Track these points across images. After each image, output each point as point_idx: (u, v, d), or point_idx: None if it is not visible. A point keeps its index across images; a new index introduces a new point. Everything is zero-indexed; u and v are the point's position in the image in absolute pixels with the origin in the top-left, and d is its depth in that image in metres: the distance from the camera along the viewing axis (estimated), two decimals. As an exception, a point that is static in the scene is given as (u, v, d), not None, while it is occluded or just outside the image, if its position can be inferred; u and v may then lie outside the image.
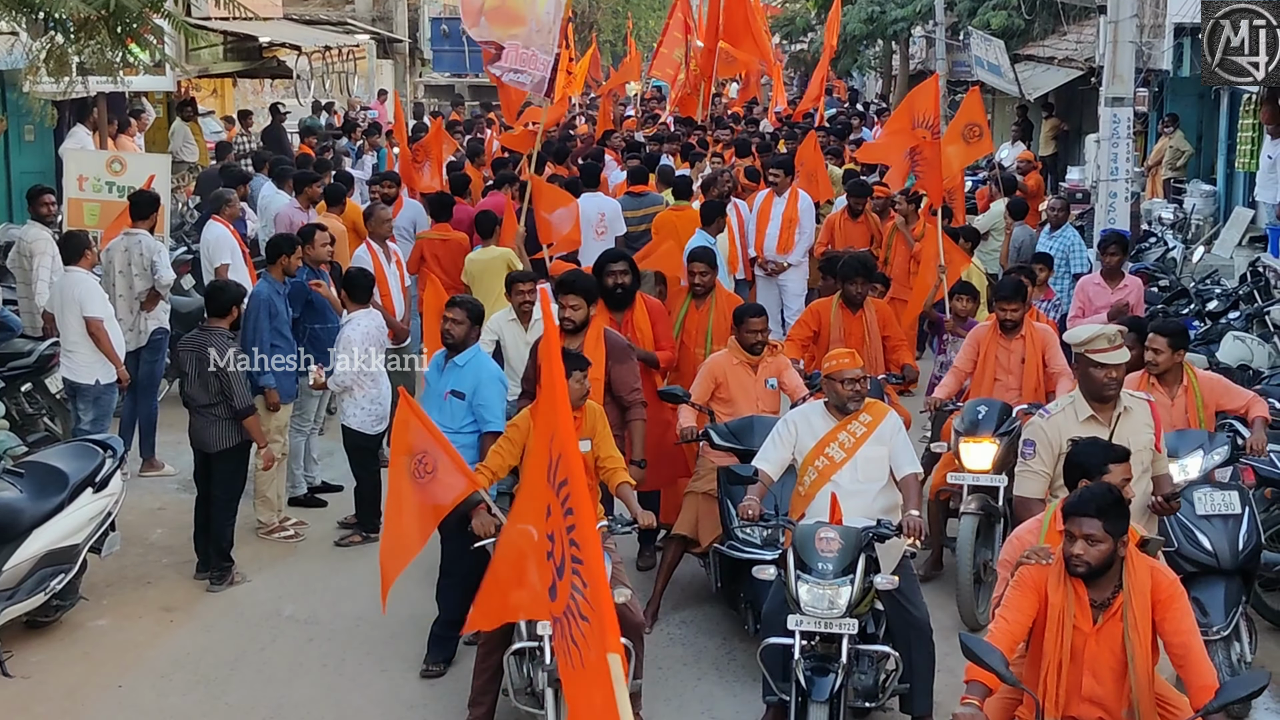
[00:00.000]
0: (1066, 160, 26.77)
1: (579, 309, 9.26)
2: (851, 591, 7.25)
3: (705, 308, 10.81)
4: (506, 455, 7.92)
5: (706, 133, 23.36)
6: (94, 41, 12.92)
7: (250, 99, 33.02)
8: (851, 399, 7.93)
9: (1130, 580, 5.83)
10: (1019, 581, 5.98)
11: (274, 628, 9.47)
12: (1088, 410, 7.37)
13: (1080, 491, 5.96)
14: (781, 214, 15.42)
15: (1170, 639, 5.80)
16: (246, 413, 9.94)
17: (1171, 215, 20.12)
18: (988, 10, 28.81)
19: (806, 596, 7.25)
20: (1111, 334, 7.32)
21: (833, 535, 7.37)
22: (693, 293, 10.90)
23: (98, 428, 11.05)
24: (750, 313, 9.82)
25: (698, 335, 10.79)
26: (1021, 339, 10.11)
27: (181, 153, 21.52)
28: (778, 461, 8.04)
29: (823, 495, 7.73)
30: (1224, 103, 20.69)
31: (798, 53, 42.28)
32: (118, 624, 9.50)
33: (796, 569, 7.34)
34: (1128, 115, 14.51)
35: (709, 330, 10.73)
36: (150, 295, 12.22)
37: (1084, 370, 7.37)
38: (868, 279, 11.12)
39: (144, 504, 11.46)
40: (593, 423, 8.04)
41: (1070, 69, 25.27)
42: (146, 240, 12.38)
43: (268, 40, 25.41)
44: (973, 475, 9.39)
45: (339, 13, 33.41)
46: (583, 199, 15.14)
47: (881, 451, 7.90)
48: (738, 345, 9.70)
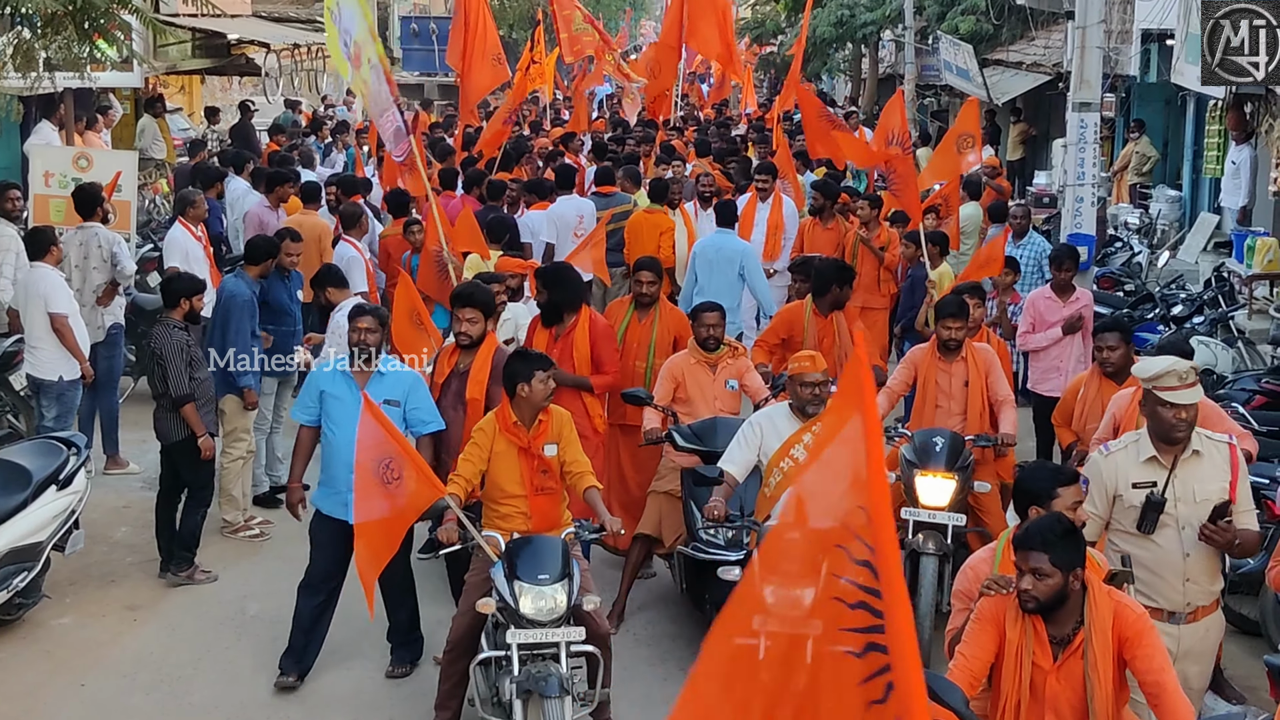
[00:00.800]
0: (1034, 165, 26.90)
1: (475, 323, 8.84)
2: None
3: (649, 320, 10.38)
4: (476, 461, 7.78)
5: (681, 134, 23.27)
6: (61, 37, 12.88)
7: (219, 96, 32.90)
8: (811, 402, 7.99)
9: (1091, 616, 5.54)
10: (979, 615, 5.74)
11: (238, 626, 9.44)
12: (1150, 450, 6.73)
13: (1027, 524, 5.72)
14: (767, 219, 15.10)
15: (1142, 677, 5.52)
16: (182, 401, 9.80)
17: (1137, 220, 20.25)
18: (956, 15, 28.91)
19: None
20: (1183, 371, 6.68)
21: None
22: (636, 303, 10.45)
23: (61, 425, 10.99)
24: (705, 308, 9.78)
25: (640, 350, 10.35)
26: (963, 361, 9.55)
27: (150, 150, 21.44)
28: (743, 463, 8.08)
29: (789, 496, 7.71)
30: (1190, 109, 20.81)
31: (768, 55, 42.31)
32: (81, 622, 9.45)
33: None
34: (1095, 120, 14.57)
35: (652, 345, 10.34)
36: (107, 290, 12.18)
37: (1151, 409, 6.73)
38: (845, 284, 10.85)
39: (108, 502, 11.40)
40: (559, 426, 7.89)
41: (1038, 74, 25.41)
42: (103, 233, 12.36)
43: (236, 37, 25.33)
44: (929, 512, 8.81)
45: (308, 10, 33.21)
46: (560, 201, 15.17)
47: None
48: (695, 344, 9.69)
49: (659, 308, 10.44)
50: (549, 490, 7.81)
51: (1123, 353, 8.98)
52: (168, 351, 9.80)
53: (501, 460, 7.76)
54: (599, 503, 7.84)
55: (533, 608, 7.19)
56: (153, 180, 20.49)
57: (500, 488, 7.78)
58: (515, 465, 7.74)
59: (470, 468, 7.78)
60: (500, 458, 7.76)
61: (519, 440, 7.72)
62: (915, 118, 26.34)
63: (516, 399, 7.73)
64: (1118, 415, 8.24)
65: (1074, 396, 9.42)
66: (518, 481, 7.74)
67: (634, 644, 9.07)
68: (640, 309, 10.41)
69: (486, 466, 7.77)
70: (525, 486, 7.74)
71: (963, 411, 9.49)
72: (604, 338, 9.80)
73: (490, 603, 7.30)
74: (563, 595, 7.25)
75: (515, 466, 7.74)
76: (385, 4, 37.98)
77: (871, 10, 32.90)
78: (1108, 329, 9.32)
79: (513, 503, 7.77)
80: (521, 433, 7.71)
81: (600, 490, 7.97)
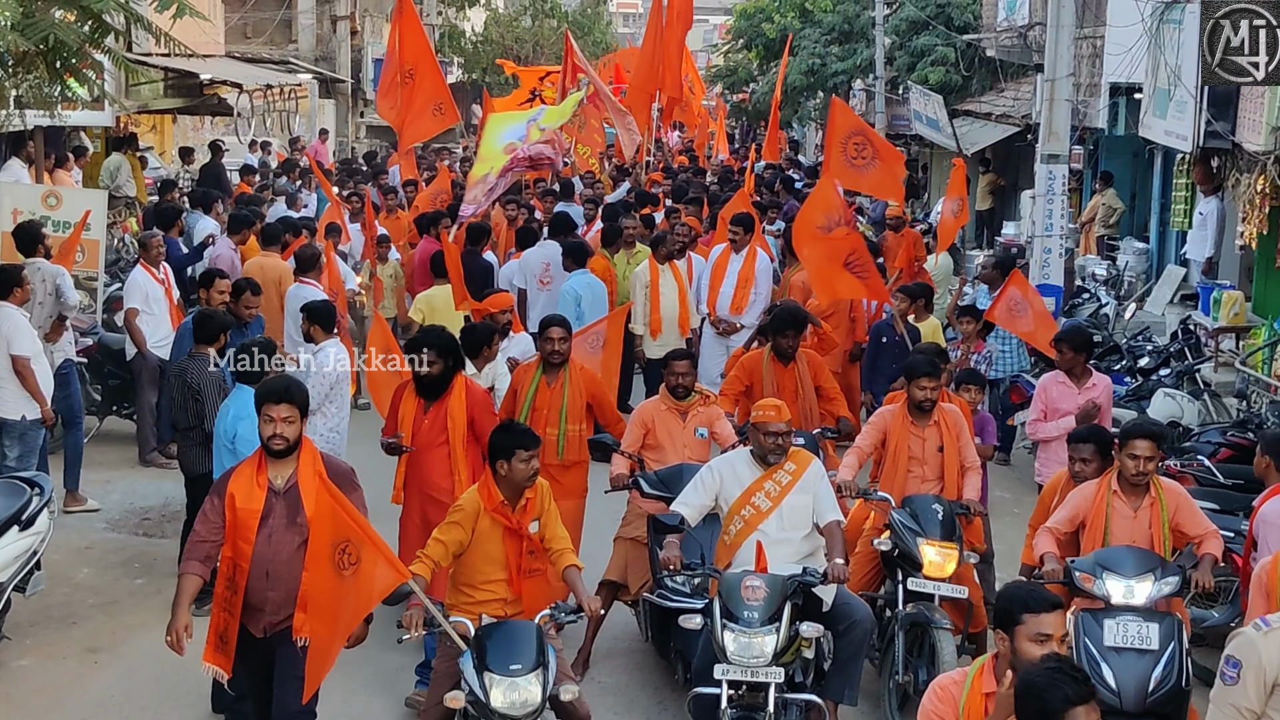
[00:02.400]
0: (1002, 215, 27.05)
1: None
2: (777, 640, 7.23)
3: (559, 384, 9.79)
4: (451, 543, 7.24)
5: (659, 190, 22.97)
6: (32, 76, 12.82)
7: (190, 135, 32.87)
8: (773, 451, 7.87)
9: None
10: None
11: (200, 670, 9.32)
12: None
13: None
14: (738, 272, 14.55)
15: None
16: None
17: (1105, 272, 20.37)
18: (926, 66, 29.13)
19: (732, 645, 7.23)
20: None
21: (758, 584, 7.35)
22: (545, 365, 9.86)
23: (23, 464, 10.91)
24: (675, 356, 9.80)
25: (550, 415, 9.74)
26: (935, 425, 9.18)
27: (123, 188, 21.41)
28: (698, 507, 7.98)
29: (749, 545, 7.71)
30: (1157, 162, 20.99)
31: (739, 103, 42.55)
32: (41, 664, 9.36)
33: (723, 618, 7.30)
34: (1063, 172, 14.72)
35: (564, 410, 9.77)
36: (55, 325, 12.17)
37: None
38: (798, 331, 10.83)
39: (71, 542, 11.30)
40: (542, 502, 7.40)
41: (1007, 125, 25.59)
42: (46, 267, 12.44)
43: (209, 77, 25.32)
44: (945, 585, 8.42)
45: (282, 51, 33.35)
46: (534, 248, 15.24)
47: (806, 500, 7.84)
48: (666, 391, 9.69)
49: (569, 369, 9.84)
50: (535, 572, 7.38)
51: (1097, 466, 8.35)
52: (205, 386, 10.06)
53: (484, 541, 7.26)
54: (578, 582, 7.29)
55: (504, 701, 6.70)
56: (123, 219, 20.45)
57: (478, 570, 7.29)
58: (499, 547, 7.26)
59: (441, 550, 7.23)
60: (483, 538, 7.26)
61: (506, 521, 7.26)
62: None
63: (498, 476, 7.28)
64: (1082, 510, 8.06)
65: (1051, 497, 8.77)
66: (500, 564, 7.27)
67: (599, 692, 9.00)
68: (549, 371, 9.83)
69: (464, 549, 7.26)
70: (509, 569, 7.27)
71: (938, 477, 9.16)
72: (481, 407, 9.03)
73: (459, 696, 6.84)
74: (537, 687, 6.75)
75: (499, 548, 7.26)
76: (359, 46, 38.04)
77: (843, 60, 33.12)
78: (1083, 439, 8.60)
79: (491, 587, 7.30)
80: (508, 513, 7.26)
81: (580, 569, 7.41)
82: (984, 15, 28.19)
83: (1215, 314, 15.38)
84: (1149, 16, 16.53)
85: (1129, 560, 7.64)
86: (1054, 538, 8.05)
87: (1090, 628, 7.45)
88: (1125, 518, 7.92)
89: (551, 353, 9.75)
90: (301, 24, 35.13)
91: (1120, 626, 7.39)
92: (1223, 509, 9.86)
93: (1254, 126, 14.50)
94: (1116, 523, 7.90)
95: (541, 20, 47.35)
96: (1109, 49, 18.94)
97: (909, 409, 9.21)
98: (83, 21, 12.71)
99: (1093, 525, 7.99)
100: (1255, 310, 16.05)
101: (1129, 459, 7.88)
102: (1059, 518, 8.14)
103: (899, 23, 31.52)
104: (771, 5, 36.07)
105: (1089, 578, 7.60)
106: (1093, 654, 7.35)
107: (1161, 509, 7.92)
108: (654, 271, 14.58)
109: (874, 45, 31.56)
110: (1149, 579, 7.54)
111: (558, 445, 9.72)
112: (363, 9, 39.20)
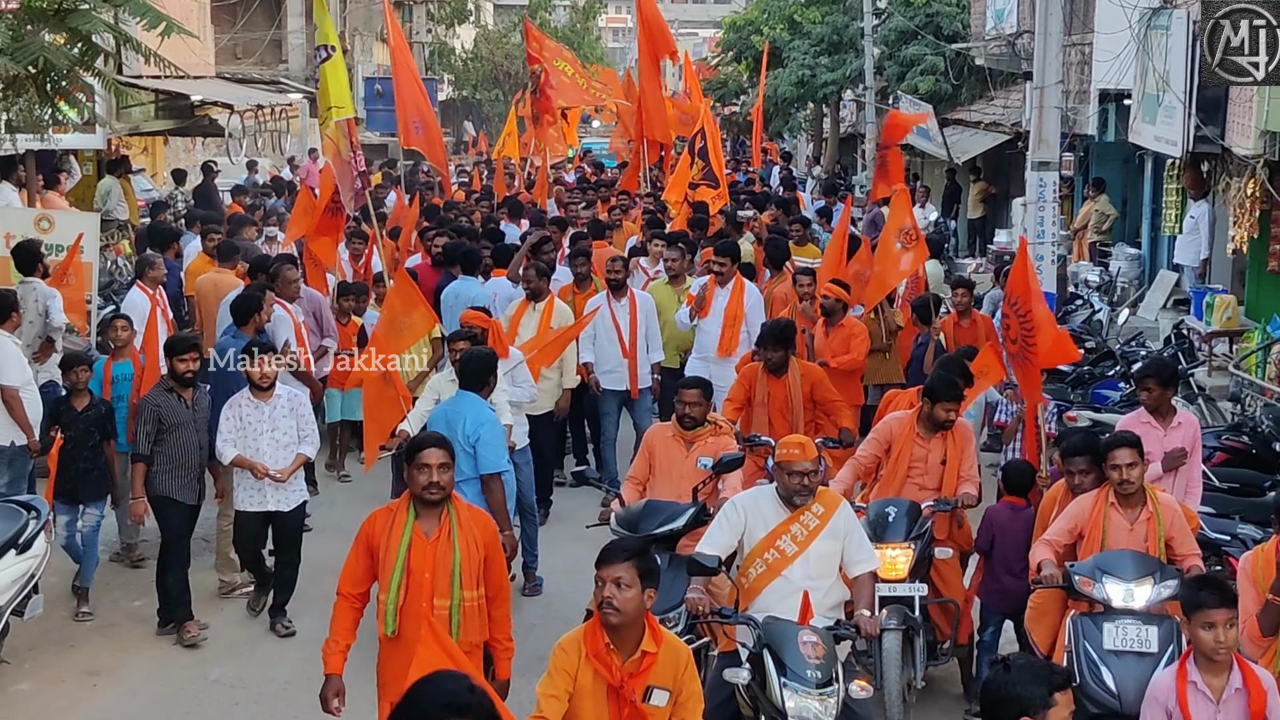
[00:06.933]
0: (994, 223, 27.10)
1: None
2: (837, 703, 6.70)
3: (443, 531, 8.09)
4: (561, 695, 5.71)
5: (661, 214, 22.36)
6: (23, 99, 12.84)
7: (182, 157, 32.86)
8: (799, 492, 7.28)
9: None
10: None
11: (199, 691, 9.34)
12: None
13: None
14: (724, 308, 12.99)
15: None
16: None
17: (1097, 278, 20.39)
18: (916, 75, 29.22)
19: (792, 704, 6.65)
20: None
21: (815, 640, 6.81)
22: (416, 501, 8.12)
23: (14, 490, 10.81)
24: (686, 384, 9.48)
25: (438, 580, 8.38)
26: (942, 438, 9.09)
27: (114, 211, 21.40)
28: (724, 547, 7.35)
29: (772, 590, 7.24)
30: (1148, 167, 21.03)
31: (730, 115, 42.64)
32: (39, 688, 9.34)
33: (779, 674, 6.71)
34: (1054, 179, 14.71)
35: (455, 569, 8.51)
36: (43, 346, 12.21)
37: None
38: (784, 346, 10.68)
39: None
40: (675, 667, 5.81)
41: (997, 133, 25.65)
42: (40, 287, 12.49)
43: (200, 98, 25.34)
44: (889, 585, 8.31)
45: (272, 71, 33.41)
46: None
47: (835, 546, 7.32)
48: (675, 419, 9.38)
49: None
50: None
51: (1094, 478, 8.19)
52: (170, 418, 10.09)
53: (584, 701, 5.74)
54: None
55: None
56: (115, 241, 20.43)
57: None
58: (602, 709, 5.75)
59: (555, 706, 5.68)
60: (583, 696, 5.74)
61: (608, 675, 5.74)
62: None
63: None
64: (1080, 521, 8.01)
65: (1050, 508, 8.64)
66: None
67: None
68: (425, 513, 7.83)
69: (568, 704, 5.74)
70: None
71: (936, 487, 9.04)
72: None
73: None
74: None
75: (601, 711, 5.75)
76: (350, 65, 38.10)
77: (832, 70, 33.22)
78: (1078, 452, 8.39)
79: None
80: (614, 663, 5.75)
81: None
82: (972, 24, 28.31)
83: (1208, 318, 15.41)
84: (1136, 23, 16.60)
85: (1128, 564, 7.62)
86: (1052, 549, 7.99)
87: (1089, 631, 7.45)
88: (1122, 529, 7.87)
89: (429, 485, 6.96)
90: (291, 44, 35.22)
91: (1120, 629, 7.38)
92: (1219, 513, 9.84)
93: (1243, 130, 14.55)
94: (1113, 534, 7.86)
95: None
96: (1097, 55, 19.00)
97: (919, 420, 9.14)
98: (73, 44, 12.72)
99: (1090, 537, 7.95)
100: (1248, 314, 16.07)
101: (1112, 470, 7.87)
102: (1057, 529, 8.11)
103: (888, 33, 31.64)
104: (761, 18, 36.18)
105: (1088, 581, 7.60)
106: (1092, 657, 7.35)
107: (1158, 522, 7.87)
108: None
109: (863, 55, 31.65)
110: (1148, 582, 7.53)
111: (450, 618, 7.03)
112: (352, 28, 39.31)
